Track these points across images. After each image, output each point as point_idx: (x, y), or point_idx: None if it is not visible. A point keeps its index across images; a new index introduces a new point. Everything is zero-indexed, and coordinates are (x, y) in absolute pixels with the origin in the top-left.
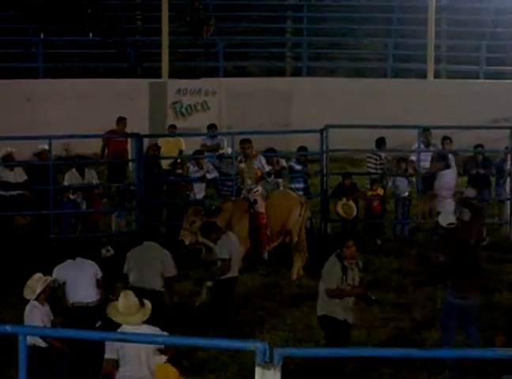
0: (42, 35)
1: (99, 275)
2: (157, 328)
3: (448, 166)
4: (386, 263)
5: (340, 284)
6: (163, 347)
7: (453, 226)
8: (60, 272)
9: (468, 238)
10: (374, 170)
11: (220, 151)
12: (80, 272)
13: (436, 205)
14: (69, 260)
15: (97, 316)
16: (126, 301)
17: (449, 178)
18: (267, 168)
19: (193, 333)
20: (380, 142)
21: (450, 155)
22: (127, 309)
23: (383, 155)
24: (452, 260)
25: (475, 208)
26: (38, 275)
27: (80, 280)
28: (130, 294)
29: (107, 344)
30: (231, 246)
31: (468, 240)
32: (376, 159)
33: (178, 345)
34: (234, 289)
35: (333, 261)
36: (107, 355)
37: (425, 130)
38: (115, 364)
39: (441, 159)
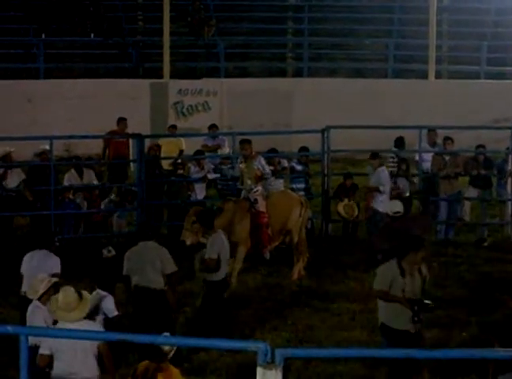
0: (43, 36)
1: (55, 271)
2: (98, 325)
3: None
4: None
5: (391, 287)
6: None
7: (399, 214)
8: (24, 260)
9: (411, 228)
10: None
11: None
12: (38, 263)
13: (371, 200)
14: (36, 251)
15: None
16: (65, 297)
17: (386, 174)
18: (267, 169)
19: (194, 333)
20: (398, 142)
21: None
22: (67, 305)
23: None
24: (394, 247)
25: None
26: (42, 275)
27: (35, 273)
28: (69, 289)
29: (42, 340)
30: (221, 246)
31: (411, 230)
32: (393, 159)
33: (179, 345)
34: (224, 292)
35: (391, 263)
36: (41, 351)
37: (430, 130)
38: (49, 359)
39: (375, 157)
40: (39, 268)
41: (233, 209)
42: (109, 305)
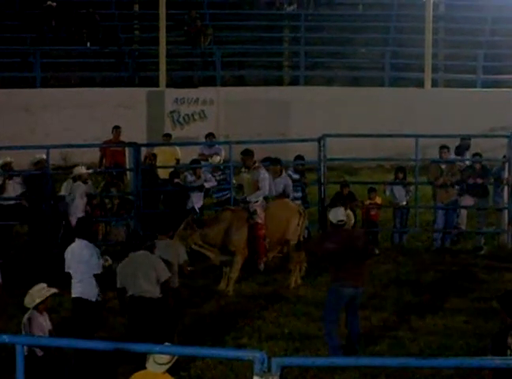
0: (39, 45)
1: None
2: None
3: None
4: (384, 271)
5: None
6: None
7: (342, 223)
8: None
9: (354, 237)
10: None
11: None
12: None
13: None
14: None
15: None
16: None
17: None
18: (267, 184)
19: (190, 342)
20: (461, 149)
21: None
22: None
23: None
24: (338, 252)
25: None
26: (41, 285)
27: None
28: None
29: None
30: (166, 255)
31: (355, 239)
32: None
33: (176, 354)
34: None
35: None
36: None
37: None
38: None
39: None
40: None
41: (230, 218)
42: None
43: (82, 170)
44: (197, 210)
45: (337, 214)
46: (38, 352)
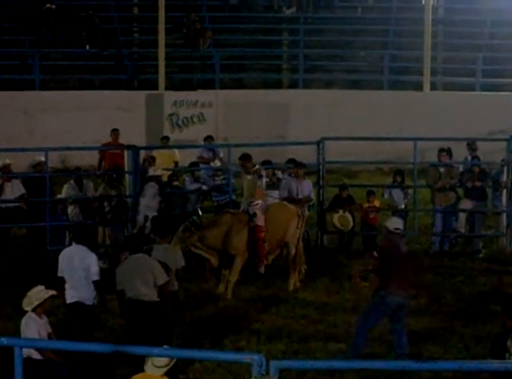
0: (38, 47)
1: None
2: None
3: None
4: None
5: None
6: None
7: (399, 231)
8: None
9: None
10: None
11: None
12: None
13: None
14: None
15: None
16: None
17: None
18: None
19: (189, 345)
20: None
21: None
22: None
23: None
24: (392, 259)
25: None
26: (40, 287)
27: None
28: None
29: None
30: (164, 259)
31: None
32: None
33: (174, 357)
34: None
35: None
36: None
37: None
38: None
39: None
40: None
41: (230, 221)
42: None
43: (158, 171)
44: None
45: (395, 222)
46: (35, 355)
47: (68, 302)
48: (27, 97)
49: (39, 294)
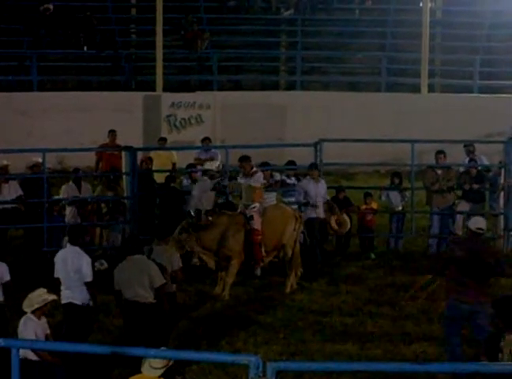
0: (36, 49)
1: (6, 278)
2: None
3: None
4: (380, 277)
5: None
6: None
7: (481, 231)
8: None
9: (487, 251)
10: None
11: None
12: None
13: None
14: None
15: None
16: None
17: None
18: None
19: (186, 346)
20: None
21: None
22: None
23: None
24: (463, 261)
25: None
26: (42, 290)
27: None
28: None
29: None
30: (161, 260)
31: (486, 253)
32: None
33: (171, 358)
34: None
35: None
36: None
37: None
38: None
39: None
40: None
41: (227, 223)
42: None
43: (212, 165)
44: (193, 213)
45: (478, 221)
46: (31, 356)
47: (62, 302)
48: (24, 98)
49: (40, 297)
